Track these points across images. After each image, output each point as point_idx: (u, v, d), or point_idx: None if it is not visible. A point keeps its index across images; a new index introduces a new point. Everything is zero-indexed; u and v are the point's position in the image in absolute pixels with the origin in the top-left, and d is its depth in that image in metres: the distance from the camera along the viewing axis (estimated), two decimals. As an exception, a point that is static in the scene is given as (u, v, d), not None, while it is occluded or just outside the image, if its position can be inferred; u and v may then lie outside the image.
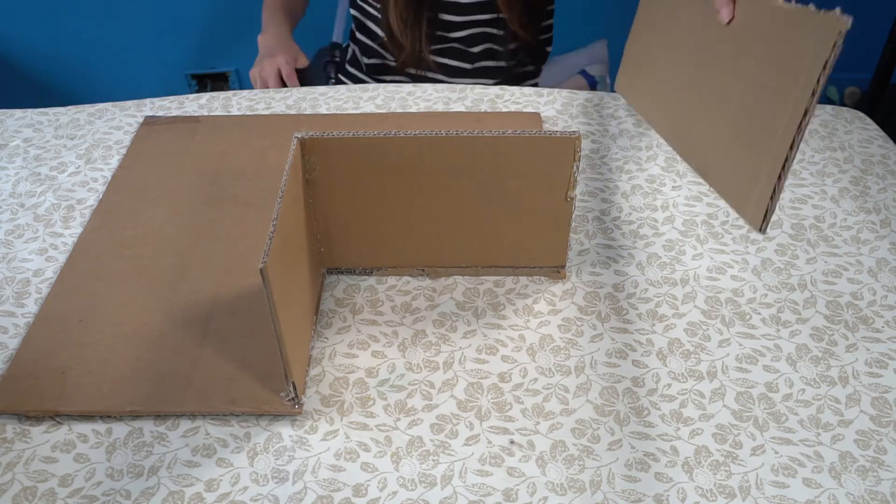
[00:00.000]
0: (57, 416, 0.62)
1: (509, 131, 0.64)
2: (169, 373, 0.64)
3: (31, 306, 0.71)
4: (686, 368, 0.65)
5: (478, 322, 0.70)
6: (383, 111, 0.96)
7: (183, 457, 0.59)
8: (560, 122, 0.94)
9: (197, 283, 0.72)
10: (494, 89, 0.99)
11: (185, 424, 0.61)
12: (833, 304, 0.71)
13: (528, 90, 0.99)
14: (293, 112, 0.96)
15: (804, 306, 0.71)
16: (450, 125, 0.91)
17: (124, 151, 0.90)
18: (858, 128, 0.93)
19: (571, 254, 0.76)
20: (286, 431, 0.61)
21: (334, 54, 1.28)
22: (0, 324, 0.69)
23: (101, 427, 0.61)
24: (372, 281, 0.74)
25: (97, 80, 1.87)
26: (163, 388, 0.63)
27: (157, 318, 0.69)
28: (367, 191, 0.67)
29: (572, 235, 0.78)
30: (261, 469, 0.58)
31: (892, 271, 0.74)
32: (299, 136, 0.64)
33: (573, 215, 0.69)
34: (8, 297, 0.72)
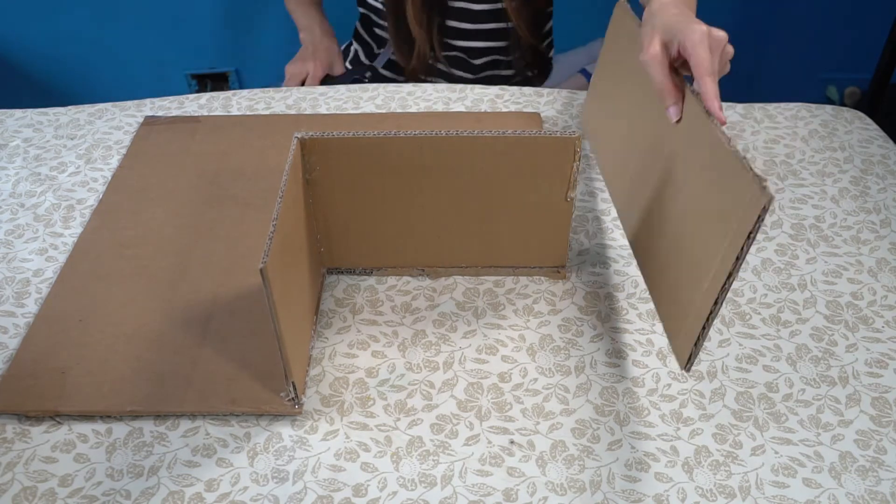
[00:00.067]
0: (57, 416, 0.62)
1: (509, 131, 0.64)
2: (169, 373, 0.64)
3: (31, 306, 0.71)
4: (686, 368, 0.65)
5: (478, 322, 0.70)
6: (383, 111, 0.96)
7: (183, 457, 0.59)
8: (560, 122, 0.94)
9: (197, 283, 0.72)
10: (494, 89, 0.99)
11: (185, 424, 0.61)
12: (833, 304, 0.71)
13: (528, 90, 0.99)
14: (293, 112, 0.96)
15: (804, 306, 0.71)
16: (450, 125, 0.91)
17: (124, 151, 0.90)
18: (858, 128, 0.93)
19: (571, 254, 0.76)
20: (286, 431, 0.61)
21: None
22: (0, 324, 0.69)
23: (101, 427, 0.61)
24: (372, 281, 0.74)
25: (97, 80, 1.87)
26: (163, 388, 0.63)
27: (157, 318, 0.69)
28: (367, 191, 0.67)
29: (572, 235, 0.78)
30: (261, 469, 0.58)
31: (892, 271, 0.74)
32: (299, 136, 0.64)
33: (573, 215, 0.69)
34: (8, 297, 0.72)
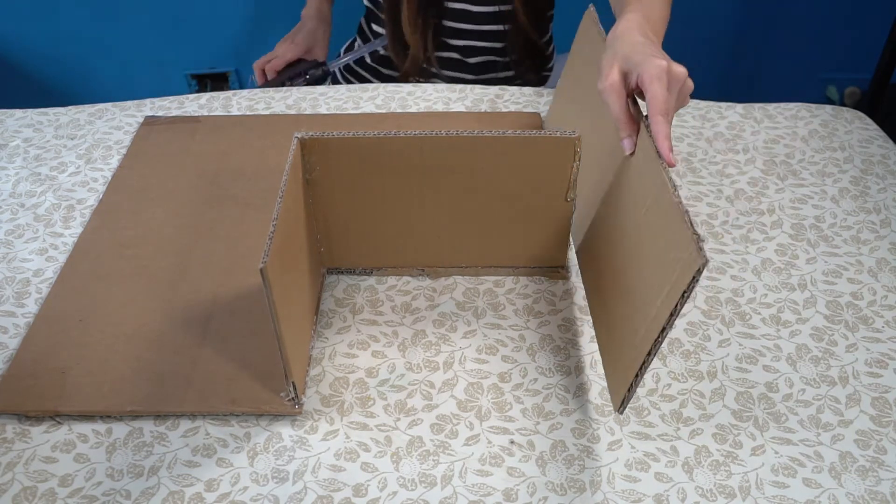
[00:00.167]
0: (57, 416, 0.62)
1: (509, 131, 0.64)
2: (169, 373, 0.64)
3: (31, 306, 0.71)
4: (686, 368, 0.65)
5: (478, 322, 0.70)
6: (383, 111, 0.96)
7: (183, 457, 0.59)
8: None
9: (197, 283, 0.72)
10: (494, 89, 0.99)
11: (185, 424, 0.61)
12: (833, 304, 0.71)
13: (528, 90, 0.99)
14: (293, 112, 0.96)
15: (804, 306, 0.71)
16: (450, 125, 0.91)
17: (124, 151, 0.90)
18: (858, 128, 0.93)
19: (571, 254, 0.76)
20: (286, 431, 0.61)
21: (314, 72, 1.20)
22: (0, 324, 0.69)
23: (101, 427, 0.61)
24: (372, 281, 0.74)
25: (97, 80, 1.87)
26: (163, 388, 0.63)
27: (157, 318, 0.69)
28: (367, 191, 0.67)
29: (572, 235, 0.77)
30: (261, 469, 0.58)
31: (892, 271, 0.74)
32: (299, 136, 0.64)
33: (573, 215, 0.69)
34: (8, 297, 0.72)
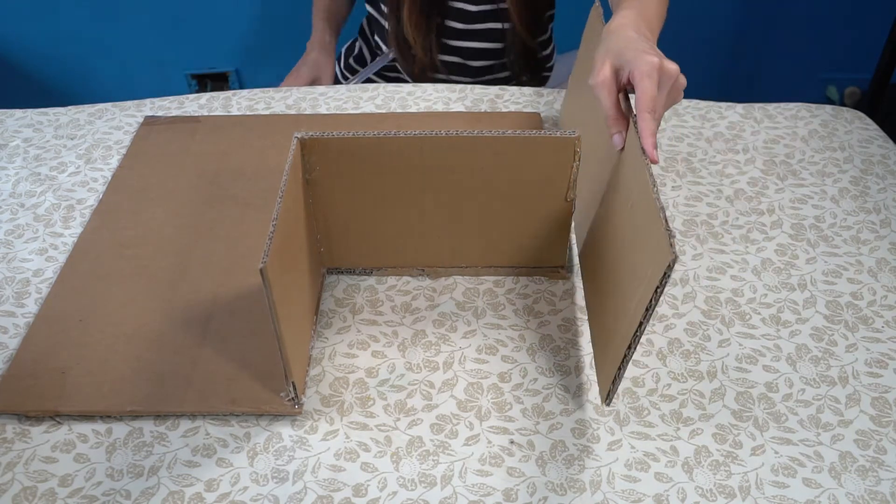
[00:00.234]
0: (57, 416, 0.62)
1: (509, 131, 0.64)
2: (169, 373, 0.64)
3: (31, 306, 0.71)
4: (686, 368, 0.65)
5: (478, 322, 0.70)
6: (383, 111, 0.96)
7: (183, 457, 0.59)
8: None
9: (197, 283, 0.72)
10: (494, 89, 0.99)
11: (185, 424, 0.61)
12: (833, 304, 0.71)
13: (528, 90, 0.99)
14: (293, 112, 0.96)
15: (804, 306, 0.71)
16: (450, 125, 0.91)
17: (124, 151, 0.90)
18: (858, 128, 0.93)
19: (571, 254, 0.76)
20: (286, 431, 0.61)
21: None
22: (0, 324, 0.69)
23: (101, 427, 0.61)
24: (372, 281, 0.74)
25: (97, 80, 1.87)
26: (163, 388, 0.63)
27: (157, 318, 0.69)
28: (367, 191, 0.67)
29: (572, 235, 0.77)
30: (261, 469, 0.58)
31: (892, 271, 0.74)
32: (299, 136, 0.64)
33: (573, 215, 0.69)
34: (8, 297, 0.72)
